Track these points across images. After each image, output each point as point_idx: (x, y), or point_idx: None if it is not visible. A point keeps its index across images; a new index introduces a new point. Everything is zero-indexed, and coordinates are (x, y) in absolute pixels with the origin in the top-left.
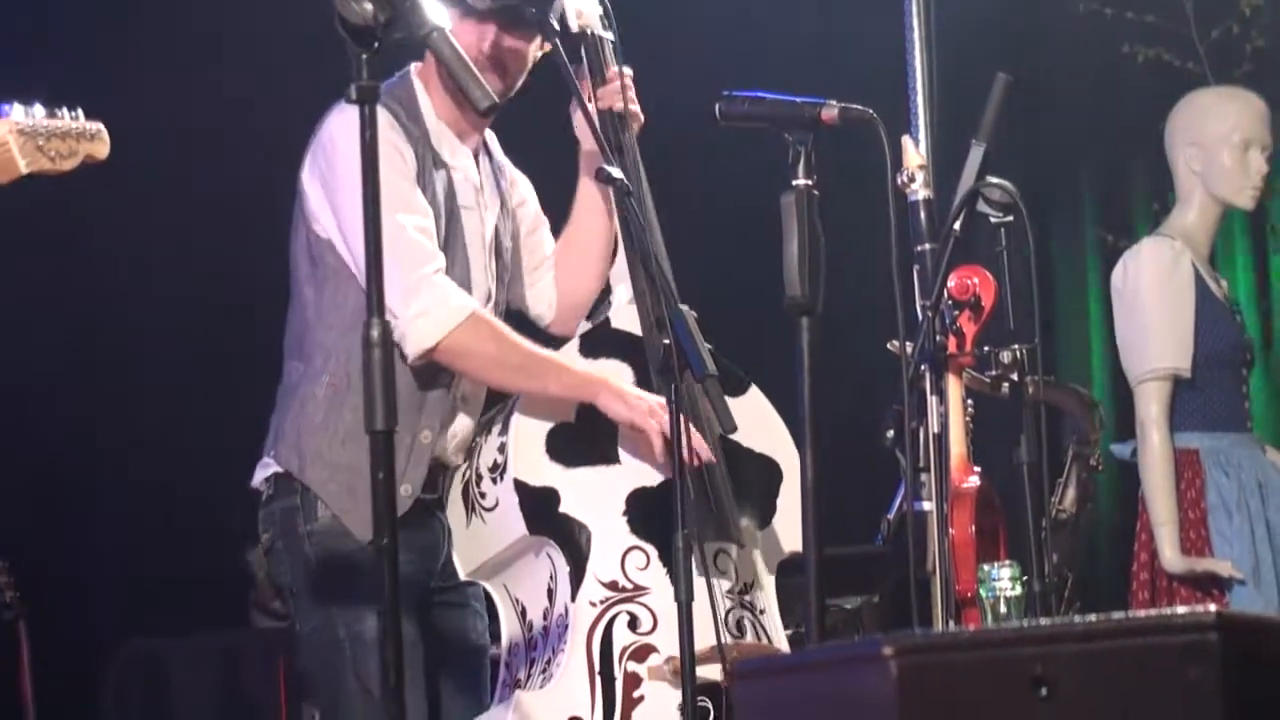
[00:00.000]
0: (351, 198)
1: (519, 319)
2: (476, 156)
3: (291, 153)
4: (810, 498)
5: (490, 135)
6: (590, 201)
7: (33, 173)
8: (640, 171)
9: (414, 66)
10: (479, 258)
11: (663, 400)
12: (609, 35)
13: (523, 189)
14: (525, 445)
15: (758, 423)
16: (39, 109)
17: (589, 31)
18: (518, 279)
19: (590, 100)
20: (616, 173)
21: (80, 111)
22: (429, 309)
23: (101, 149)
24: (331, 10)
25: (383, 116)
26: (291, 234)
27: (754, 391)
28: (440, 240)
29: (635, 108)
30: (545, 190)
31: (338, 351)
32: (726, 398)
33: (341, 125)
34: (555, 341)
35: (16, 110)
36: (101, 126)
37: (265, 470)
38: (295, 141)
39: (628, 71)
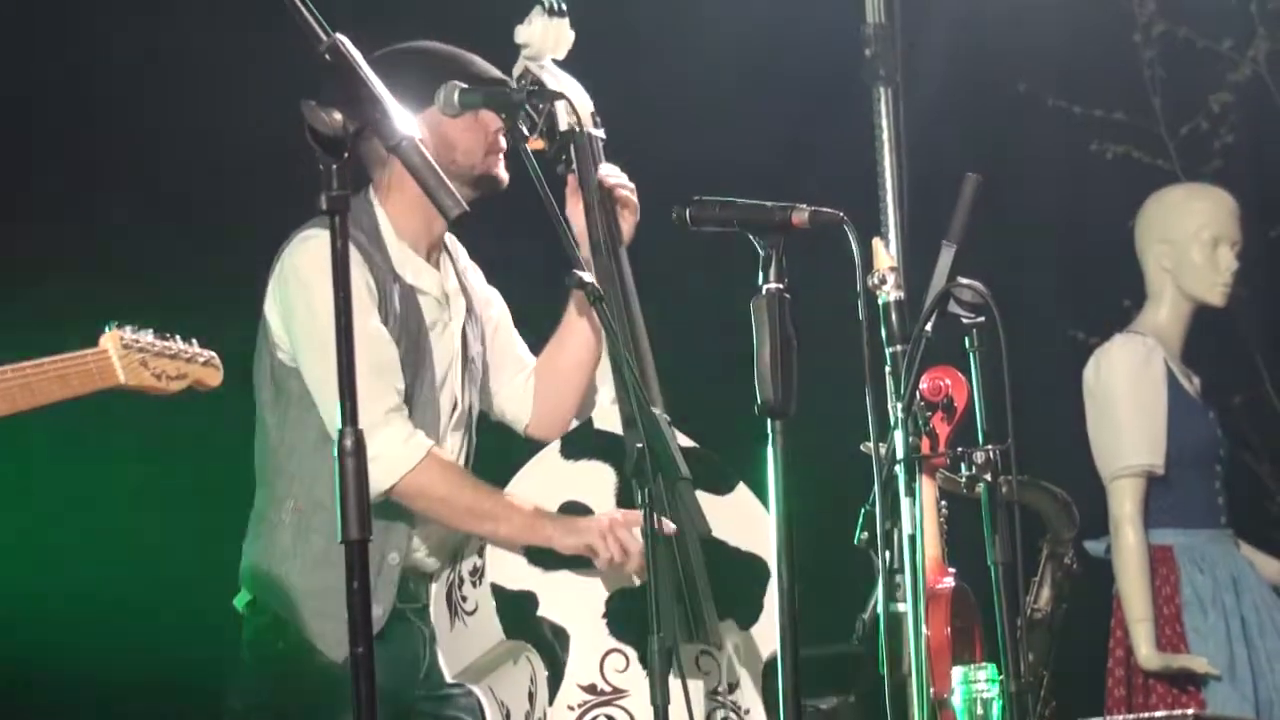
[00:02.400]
0: (306, 327)
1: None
2: (439, 265)
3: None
4: (785, 598)
5: (450, 238)
6: (582, 305)
7: (137, 388)
8: (624, 271)
9: (369, 187)
10: (448, 373)
11: (624, 511)
12: (599, 133)
13: (487, 292)
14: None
15: (744, 521)
16: (148, 332)
17: (578, 129)
18: (485, 385)
19: (578, 201)
20: (588, 277)
21: (195, 341)
22: (382, 453)
23: (213, 377)
24: (300, 121)
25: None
26: (256, 361)
27: (741, 489)
28: (407, 367)
29: (634, 201)
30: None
31: (301, 476)
32: (714, 495)
33: (299, 254)
34: (535, 443)
35: (126, 330)
36: (214, 355)
37: (243, 596)
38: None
39: (617, 172)
